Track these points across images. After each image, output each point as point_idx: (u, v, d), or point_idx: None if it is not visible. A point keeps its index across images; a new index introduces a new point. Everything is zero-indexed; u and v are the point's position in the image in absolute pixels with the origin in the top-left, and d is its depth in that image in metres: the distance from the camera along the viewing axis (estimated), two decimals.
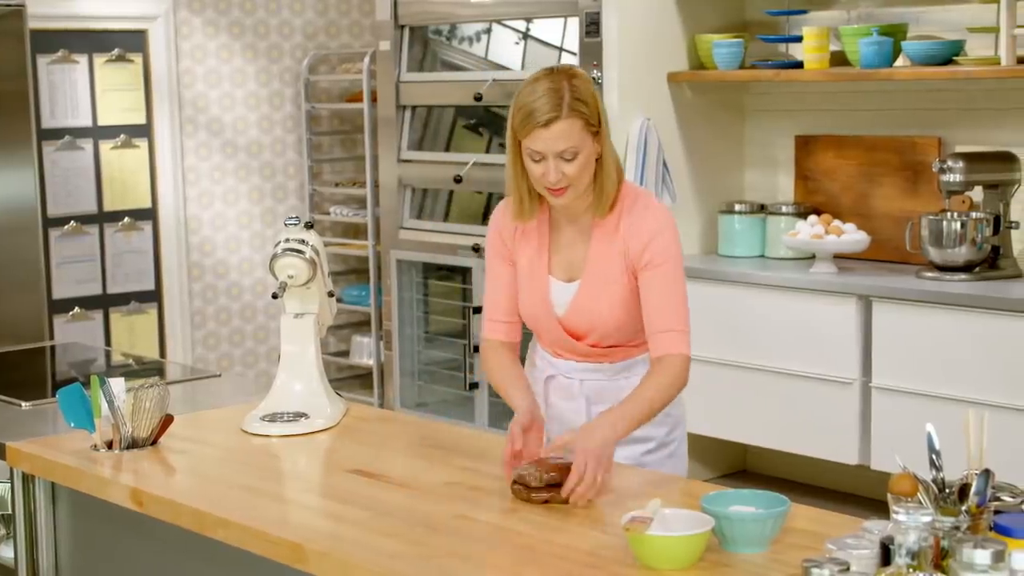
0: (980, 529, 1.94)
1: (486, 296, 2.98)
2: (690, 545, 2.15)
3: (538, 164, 2.73)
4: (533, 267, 2.89)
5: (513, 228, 2.91)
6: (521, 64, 5.53)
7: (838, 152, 5.16)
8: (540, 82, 2.74)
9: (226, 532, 2.48)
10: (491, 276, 2.96)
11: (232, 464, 2.86)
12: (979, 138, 4.76)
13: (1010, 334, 4.18)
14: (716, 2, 5.33)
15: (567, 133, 2.69)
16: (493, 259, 2.95)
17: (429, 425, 3.27)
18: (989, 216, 4.54)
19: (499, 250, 2.94)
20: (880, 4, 5.03)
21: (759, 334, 4.81)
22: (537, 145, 2.70)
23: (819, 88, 5.19)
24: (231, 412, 3.23)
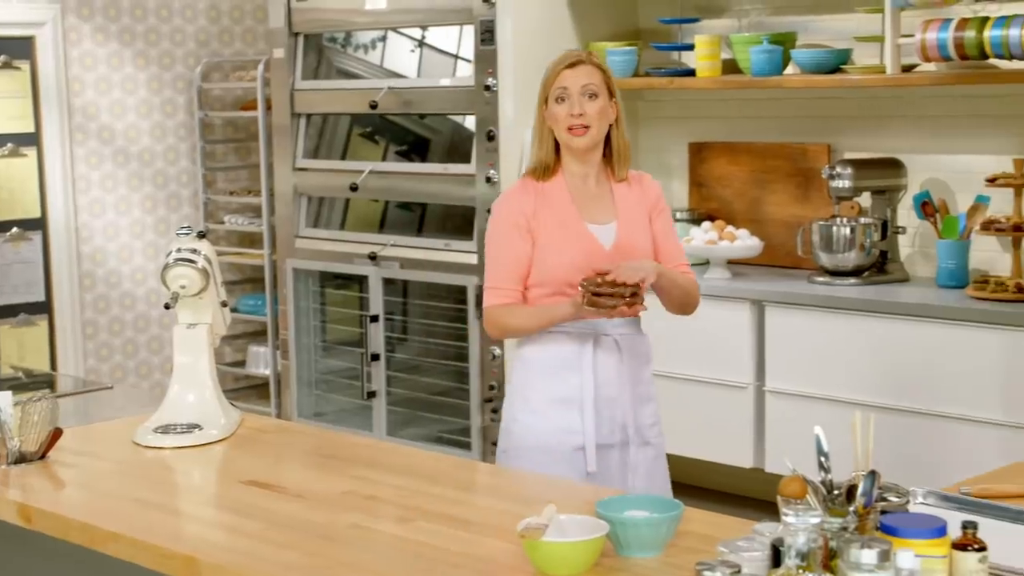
0: (867, 529, 1.97)
1: (491, 267, 3.14)
2: (585, 550, 2.17)
3: (563, 105, 3.09)
4: (565, 219, 3.11)
5: (532, 204, 3.12)
6: (417, 72, 5.53)
7: (731, 159, 5.23)
8: (563, 52, 3.20)
9: (117, 546, 2.44)
10: (501, 246, 3.12)
11: (123, 477, 2.82)
12: (867, 145, 4.86)
13: (898, 337, 4.27)
14: (610, 10, 5.37)
15: (589, 74, 3.10)
16: (509, 230, 3.12)
17: (326, 435, 3.26)
18: (877, 221, 4.64)
19: (517, 221, 3.12)
20: (770, 13, 5.11)
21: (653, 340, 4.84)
22: (565, 82, 3.09)
23: (711, 96, 5.25)
24: (123, 424, 3.18)
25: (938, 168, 4.71)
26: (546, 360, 3.14)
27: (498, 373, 5.15)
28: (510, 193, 3.20)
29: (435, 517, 2.50)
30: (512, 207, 3.15)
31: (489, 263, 3.16)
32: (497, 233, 3.15)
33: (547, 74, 3.15)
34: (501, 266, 3.13)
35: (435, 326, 5.44)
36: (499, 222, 3.16)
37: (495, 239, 3.15)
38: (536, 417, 3.14)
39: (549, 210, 3.13)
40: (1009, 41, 4.13)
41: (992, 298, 4.20)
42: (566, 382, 3.13)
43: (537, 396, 3.15)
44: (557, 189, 3.15)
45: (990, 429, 4.08)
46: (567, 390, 3.13)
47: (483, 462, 5.02)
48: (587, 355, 3.11)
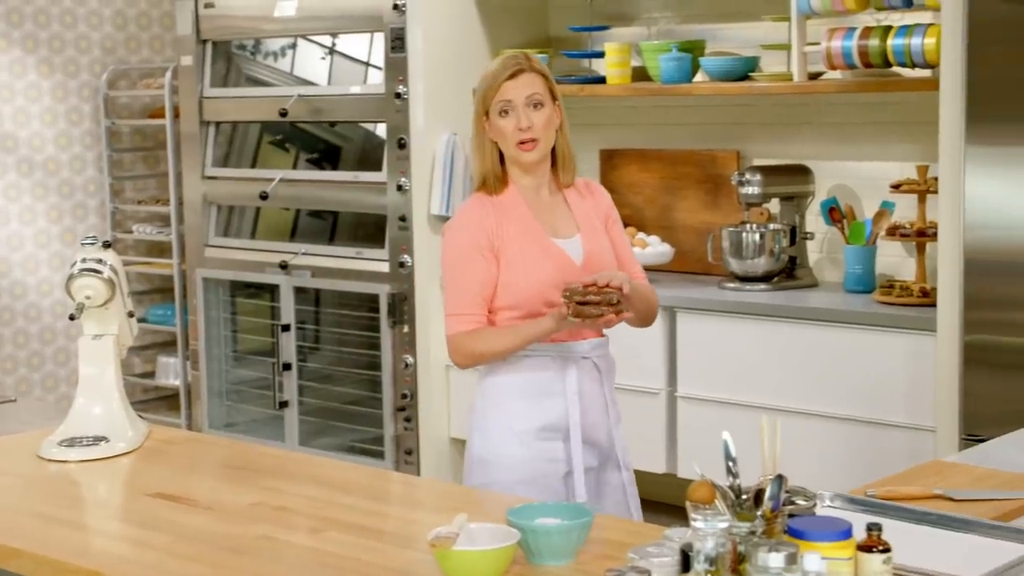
0: (775, 533, 1.99)
1: (453, 292, 2.98)
2: (496, 559, 2.17)
3: (508, 118, 2.97)
4: (531, 235, 3.00)
5: (493, 220, 2.98)
6: (328, 79, 5.50)
7: (642, 166, 5.27)
8: (498, 58, 3.07)
9: (19, 563, 2.40)
10: (462, 269, 2.97)
11: (27, 492, 2.77)
12: (775, 151, 4.92)
13: (807, 342, 4.32)
14: (520, 18, 5.39)
15: (532, 83, 2.98)
16: (470, 252, 2.96)
17: (237, 446, 3.23)
18: (786, 228, 4.69)
19: (480, 242, 2.97)
20: (679, 21, 5.15)
21: None
22: (508, 95, 2.96)
23: (622, 103, 5.29)
24: (27, 438, 3.12)
25: (845, 174, 4.78)
26: (526, 386, 3.01)
27: (411, 382, 5.14)
28: (466, 211, 3.03)
29: (347, 528, 2.48)
30: (471, 226, 2.98)
31: (450, 288, 2.99)
32: (456, 256, 2.99)
33: (485, 85, 3.00)
34: (463, 291, 2.97)
35: (347, 335, 5.42)
36: (458, 243, 2.99)
37: (454, 262, 2.98)
38: (519, 448, 3.00)
39: (513, 226, 2.99)
40: (911, 50, 4.20)
41: (898, 303, 4.27)
42: (550, 409, 3.00)
43: (521, 426, 3.00)
44: (514, 203, 3.02)
45: (896, 432, 4.15)
46: (552, 417, 3.00)
47: (396, 471, 5.01)
48: (571, 380, 3.00)
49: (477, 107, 3.02)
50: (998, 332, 3.79)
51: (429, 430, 5.16)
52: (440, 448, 5.19)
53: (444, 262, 3.03)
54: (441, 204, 5.06)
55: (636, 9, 5.27)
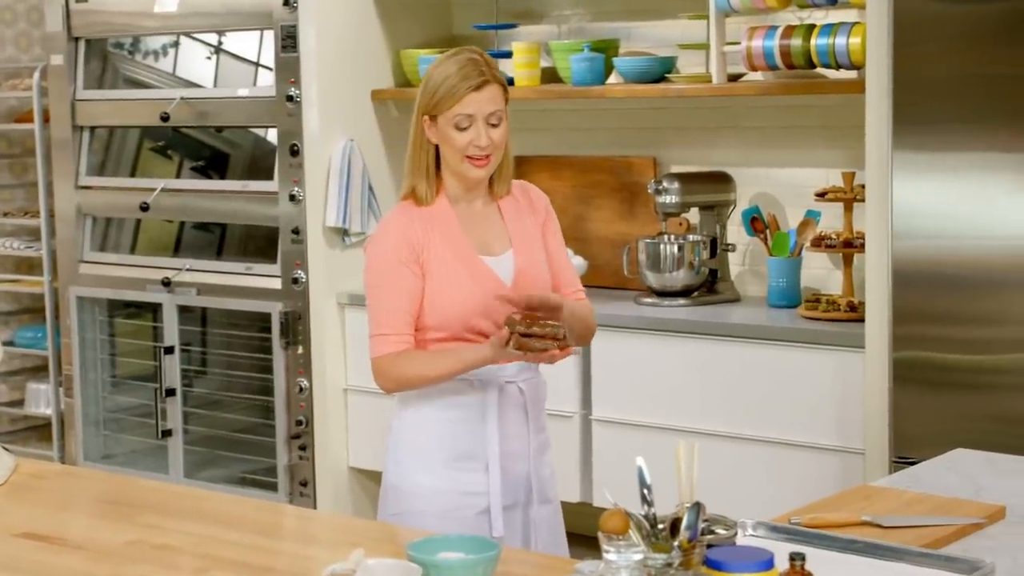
0: (692, 564, 2.01)
1: (377, 311, 2.96)
2: None
3: (466, 132, 2.94)
4: (458, 251, 2.97)
5: (420, 233, 2.96)
6: (214, 80, 5.46)
7: (553, 173, 5.29)
8: (457, 56, 2.97)
9: None
10: (386, 286, 2.95)
11: None
12: (694, 158, 4.97)
13: (728, 360, 4.36)
14: (422, 16, 5.39)
15: (496, 97, 2.96)
16: (395, 267, 2.94)
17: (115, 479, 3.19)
18: (706, 239, 4.74)
19: (405, 256, 2.94)
20: (591, 19, 5.19)
21: None
22: (469, 108, 2.92)
23: (531, 106, 5.31)
24: None
25: (767, 182, 4.84)
26: (445, 413, 2.99)
27: (306, 407, 5.12)
28: (390, 222, 3.00)
29: (234, 566, 2.46)
30: (396, 239, 2.95)
31: (374, 307, 2.97)
32: (380, 272, 2.96)
33: (444, 91, 2.93)
34: (389, 310, 2.94)
35: (237, 357, 5.38)
36: (382, 258, 2.96)
37: (378, 279, 2.96)
38: (435, 478, 2.99)
39: (440, 240, 2.97)
40: (836, 50, 4.27)
41: (824, 318, 4.33)
42: (468, 437, 2.99)
43: (437, 454, 3.00)
44: (443, 215, 3.00)
45: (824, 454, 4.20)
46: (469, 446, 2.99)
47: (290, 504, 4.98)
48: (492, 407, 2.98)
49: (423, 107, 2.97)
50: (929, 348, 3.86)
51: (326, 459, 5.14)
52: (338, 479, 5.16)
53: (368, 278, 3.00)
54: (338, 215, 5.05)
55: (545, 6, 5.30)
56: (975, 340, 3.81)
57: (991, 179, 3.77)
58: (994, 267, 3.75)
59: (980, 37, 3.74)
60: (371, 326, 2.99)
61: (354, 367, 5.14)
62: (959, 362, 3.83)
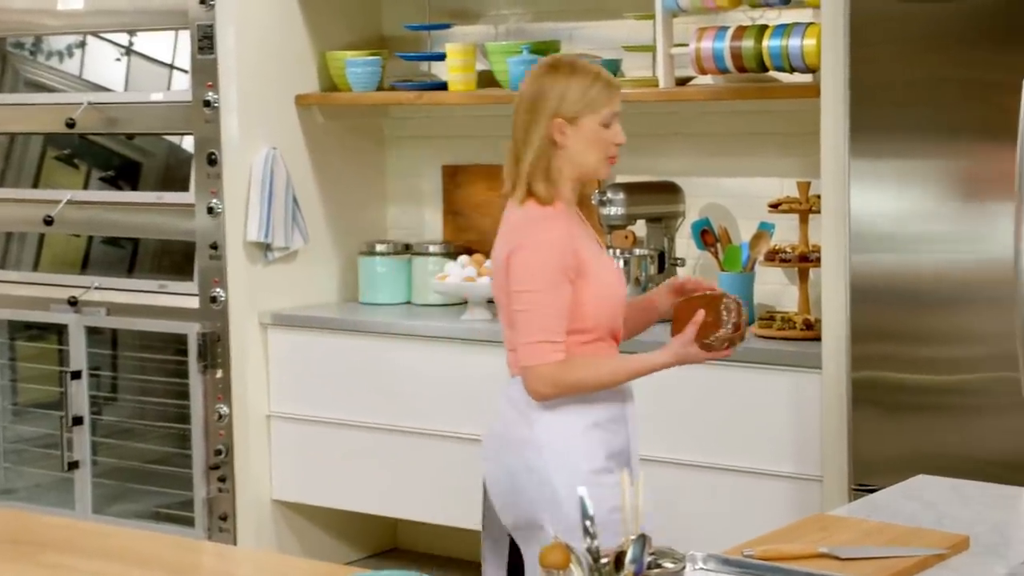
0: None
1: (541, 317, 3.10)
2: None
3: (611, 131, 3.21)
4: (599, 255, 3.24)
5: (576, 234, 3.17)
6: (124, 84, 5.44)
7: (490, 184, 5.30)
8: (580, 61, 3.26)
9: None
10: (551, 294, 3.11)
11: None
12: (641, 167, 4.98)
13: (677, 382, 4.35)
14: (349, 15, 5.39)
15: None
16: (558, 276, 3.11)
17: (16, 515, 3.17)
18: (653, 252, 4.76)
19: (567, 265, 3.12)
20: (530, 19, 5.21)
21: (407, 392, 4.87)
22: (617, 107, 3.21)
23: (466, 112, 5.32)
24: None
25: (718, 192, 4.87)
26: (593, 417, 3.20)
27: (225, 435, 5.09)
28: (552, 228, 3.15)
29: None
30: (561, 248, 3.13)
31: (535, 313, 3.10)
32: (544, 278, 3.11)
33: (593, 92, 3.18)
34: (553, 317, 3.11)
35: (150, 382, 5.35)
36: (547, 265, 3.11)
37: (542, 285, 3.10)
38: (608, 475, 3.17)
39: (585, 243, 3.20)
40: (789, 52, 4.31)
41: (779, 336, 4.36)
42: (614, 442, 3.23)
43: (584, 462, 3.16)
44: (573, 218, 3.23)
45: (779, 481, 4.22)
46: (614, 449, 3.23)
47: (208, 540, 4.95)
48: (630, 409, 3.28)
49: (556, 111, 3.17)
50: (889, 368, 3.89)
51: (248, 491, 5.11)
52: (260, 512, 5.14)
53: (526, 283, 3.12)
54: (259, 229, 5.03)
55: (482, 5, 5.32)
56: (938, 359, 3.85)
57: (954, 188, 3.81)
58: (957, 282, 3.79)
59: (941, 38, 3.79)
60: (529, 332, 3.12)
61: (278, 392, 5.12)
62: (921, 382, 3.86)
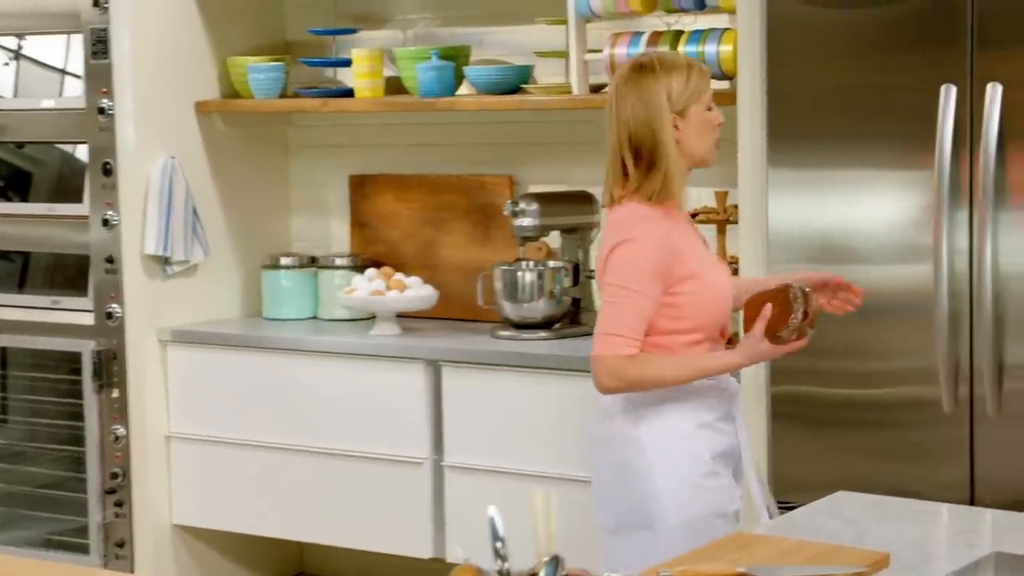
0: None
1: (622, 312, 3.28)
2: None
3: (713, 112, 3.40)
4: (705, 255, 3.42)
5: (677, 234, 3.35)
6: (13, 90, 5.37)
7: (398, 194, 5.30)
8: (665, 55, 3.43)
9: None
10: (639, 293, 3.28)
11: None
12: (554, 176, 5.01)
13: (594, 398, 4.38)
14: (250, 19, 5.37)
15: None
16: (651, 277, 3.29)
17: None
18: (568, 265, 4.78)
19: (662, 270, 3.30)
20: (439, 24, 5.22)
21: (312, 410, 4.85)
22: (710, 91, 3.40)
23: (374, 120, 5.31)
24: None
25: None
26: (699, 418, 3.37)
27: (122, 458, 5.05)
28: (653, 230, 3.32)
29: None
30: (660, 251, 3.30)
31: (617, 306, 3.29)
32: (636, 276, 3.29)
33: (693, 80, 3.36)
34: (633, 314, 3.28)
35: (42, 403, 5.29)
36: (641, 264, 3.29)
37: (631, 282, 3.28)
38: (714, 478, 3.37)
39: (689, 243, 3.37)
40: (705, 58, 4.35)
41: None
42: (722, 439, 3.39)
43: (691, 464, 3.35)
44: (681, 218, 3.43)
45: None
46: (723, 448, 3.39)
47: (104, 569, 4.90)
48: (738, 408, 3.43)
49: (671, 108, 3.34)
50: (809, 382, 3.93)
51: (146, 516, 5.07)
52: (160, 537, 5.09)
53: (617, 278, 3.31)
54: (158, 242, 5.00)
55: (389, 9, 5.32)
56: (859, 373, 3.89)
57: (874, 198, 3.86)
58: (877, 294, 3.84)
59: (859, 45, 3.84)
60: (605, 324, 3.31)
61: (177, 411, 5.08)
62: (842, 397, 3.91)
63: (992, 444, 3.73)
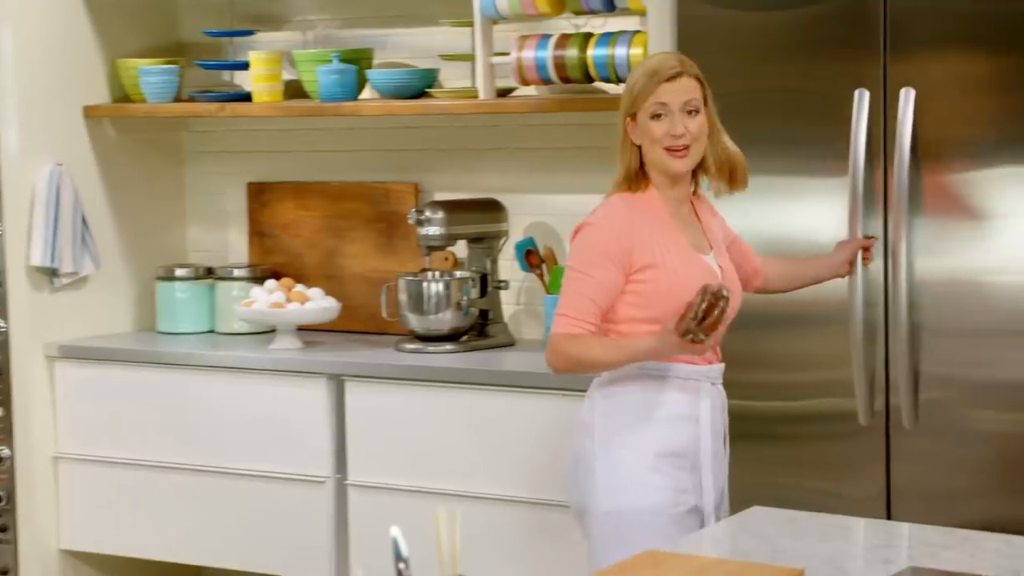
0: None
1: (569, 293, 3.41)
2: None
3: (660, 122, 3.40)
4: (676, 246, 3.44)
5: (640, 226, 3.40)
6: None
7: (299, 202, 5.28)
8: (655, 55, 3.55)
9: None
10: (587, 276, 3.39)
11: None
12: (460, 184, 5.02)
13: (501, 413, 4.41)
14: (142, 20, 5.33)
15: (690, 88, 3.42)
16: (601, 259, 3.38)
17: None
18: (475, 275, 4.79)
19: (612, 251, 3.38)
20: (341, 25, 5.21)
21: (209, 428, 4.83)
22: (664, 97, 3.39)
23: (273, 125, 5.29)
24: None
25: (543, 210, 4.92)
26: (661, 408, 3.44)
27: (7, 479, 5.00)
28: (611, 214, 3.43)
29: None
30: (611, 233, 3.40)
31: (567, 287, 3.43)
32: (586, 256, 3.41)
33: (640, 85, 3.42)
34: (579, 294, 3.39)
35: None
36: (592, 244, 3.41)
37: (581, 264, 3.41)
38: (655, 474, 3.43)
39: (659, 232, 3.43)
40: (615, 61, 4.38)
41: None
42: (681, 436, 3.45)
43: (651, 453, 3.43)
44: (657, 209, 3.46)
45: None
46: (682, 444, 3.45)
47: None
48: (704, 407, 3.46)
49: (624, 108, 3.45)
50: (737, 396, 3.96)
51: (32, 541, 5.02)
52: (47, 563, 5.05)
53: (575, 255, 3.46)
54: (44, 254, 4.95)
55: (288, 10, 5.30)
56: (772, 385, 3.93)
57: (788, 205, 3.91)
58: (791, 304, 3.88)
59: (772, 49, 3.88)
60: (559, 304, 3.44)
61: (66, 431, 5.03)
62: (756, 409, 3.94)
63: (908, 456, 3.78)
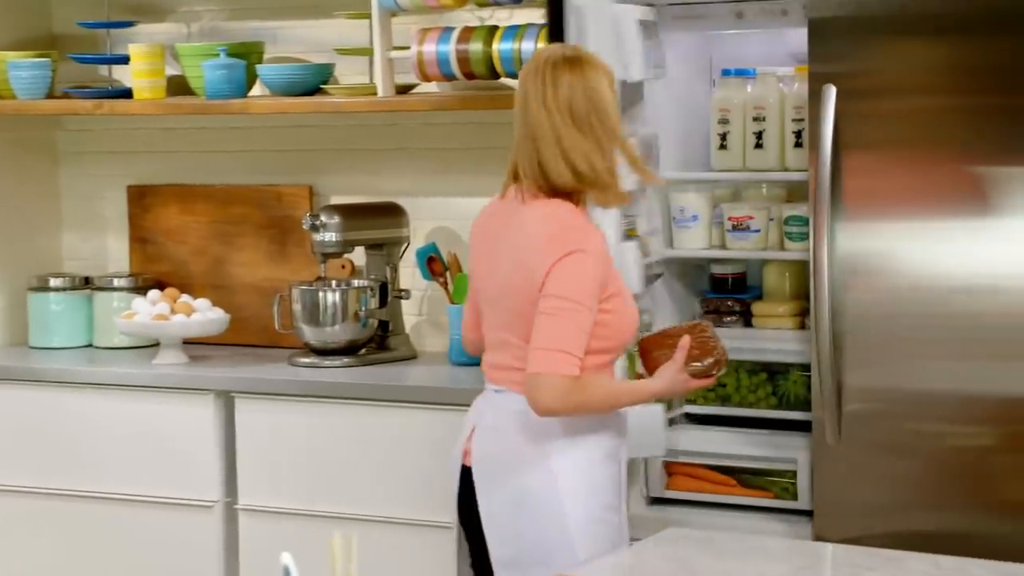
0: None
1: (571, 329, 3.28)
2: None
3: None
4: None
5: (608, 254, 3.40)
6: None
7: (184, 207, 5.27)
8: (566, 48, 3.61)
9: None
10: (586, 311, 3.30)
11: None
12: (358, 186, 5.02)
13: (403, 430, 4.42)
14: (9, 9, 5.30)
15: None
16: (595, 294, 3.31)
17: None
18: (374, 284, 4.80)
19: (600, 286, 3.32)
20: (227, 17, 5.20)
21: (88, 450, 4.80)
22: None
23: (155, 124, 5.28)
24: None
25: (447, 214, 4.94)
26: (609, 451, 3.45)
27: None
28: (599, 245, 3.37)
29: None
30: (603, 268, 3.35)
31: (565, 323, 3.28)
32: (585, 292, 3.31)
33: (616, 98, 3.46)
34: (581, 332, 3.29)
35: None
36: (591, 280, 3.32)
37: (581, 298, 3.30)
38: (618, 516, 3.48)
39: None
40: (522, 56, 4.41)
41: None
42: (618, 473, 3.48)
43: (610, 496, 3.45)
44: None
45: None
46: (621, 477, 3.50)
47: None
48: (625, 443, 3.51)
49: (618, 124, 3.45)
50: None
51: None
52: None
53: (565, 285, 3.30)
54: None
55: (170, 1, 5.29)
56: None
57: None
58: None
59: None
60: (554, 340, 3.28)
61: None
62: None
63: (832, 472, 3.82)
